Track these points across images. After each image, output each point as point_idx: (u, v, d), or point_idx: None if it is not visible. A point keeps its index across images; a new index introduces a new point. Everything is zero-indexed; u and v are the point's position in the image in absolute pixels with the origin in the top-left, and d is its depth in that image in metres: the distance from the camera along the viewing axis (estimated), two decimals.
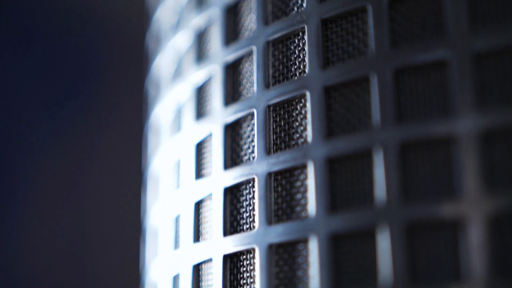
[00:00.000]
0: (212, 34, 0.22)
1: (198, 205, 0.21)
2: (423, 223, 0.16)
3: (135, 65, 0.48)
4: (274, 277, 0.18)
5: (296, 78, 0.18)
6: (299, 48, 0.19)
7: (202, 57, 0.22)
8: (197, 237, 0.21)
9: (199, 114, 0.22)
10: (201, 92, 0.22)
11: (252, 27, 0.20)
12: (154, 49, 0.28)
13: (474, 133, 0.15)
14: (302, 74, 0.19)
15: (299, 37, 0.19)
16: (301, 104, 0.18)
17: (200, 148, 0.22)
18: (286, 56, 0.19)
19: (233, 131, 0.20)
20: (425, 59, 0.16)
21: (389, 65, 0.17)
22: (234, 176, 0.19)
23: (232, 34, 0.21)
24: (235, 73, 0.21)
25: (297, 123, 0.18)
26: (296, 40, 0.19)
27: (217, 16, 0.21)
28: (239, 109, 0.20)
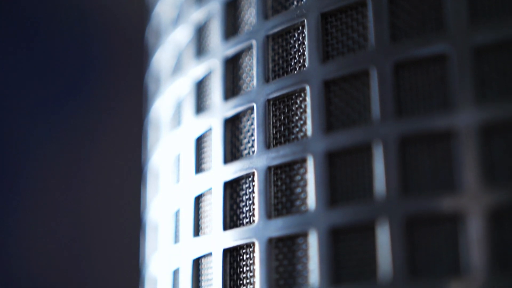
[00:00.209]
0: (212, 29, 0.22)
1: (198, 200, 0.21)
2: (423, 217, 0.16)
3: (135, 60, 0.48)
4: (274, 271, 0.18)
5: (296, 72, 0.18)
6: (299, 42, 0.19)
7: (202, 52, 0.22)
8: (197, 232, 0.21)
9: (199, 109, 0.22)
10: (201, 87, 0.22)
11: (252, 21, 0.20)
12: (154, 44, 0.28)
13: (474, 127, 0.15)
14: (302, 68, 0.18)
15: (299, 31, 0.19)
16: (301, 98, 0.18)
17: (200, 143, 0.22)
18: (286, 50, 0.19)
19: (233, 126, 0.20)
20: (425, 53, 0.16)
21: (389, 59, 0.17)
22: (234, 171, 0.19)
23: (232, 29, 0.21)
24: (235, 68, 0.21)
25: (297, 117, 0.18)
26: (296, 34, 0.19)
27: (217, 10, 0.21)
28: (239, 104, 0.20)
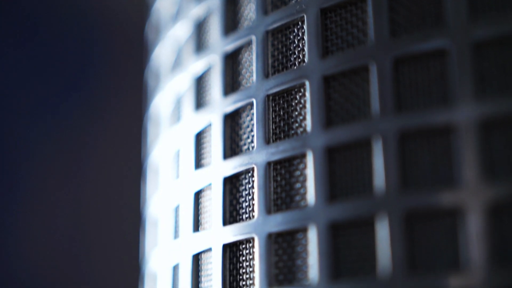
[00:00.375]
0: (212, 24, 0.22)
1: (198, 195, 0.21)
2: (422, 212, 0.16)
3: (135, 56, 0.48)
4: (273, 266, 0.18)
5: (295, 68, 0.18)
6: (299, 38, 0.19)
7: (202, 47, 0.22)
8: (197, 227, 0.21)
9: (199, 104, 0.22)
10: (201, 82, 0.22)
11: (252, 17, 0.20)
12: (154, 40, 0.28)
13: (473, 123, 0.15)
14: (301, 64, 0.18)
15: (298, 27, 0.19)
16: (300, 94, 0.18)
17: (200, 138, 0.22)
18: (286, 46, 0.19)
19: (233, 121, 0.20)
20: (425, 49, 0.16)
21: (389, 55, 0.17)
22: (234, 166, 0.19)
23: (232, 24, 0.21)
24: (235, 63, 0.21)
25: (296, 113, 0.18)
26: (296, 30, 0.19)
27: (217, 6, 0.21)
28: (239, 99, 0.20)
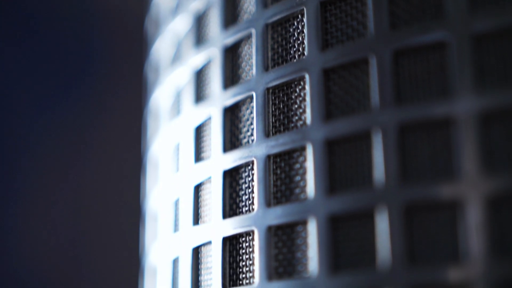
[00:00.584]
0: (211, 18, 0.22)
1: (198, 188, 0.21)
2: (422, 205, 0.16)
3: (135, 50, 0.48)
4: (273, 259, 0.18)
5: (295, 61, 0.18)
6: (298, 31, 0.19)
7: (201, 41, 0.22)
8: (197, 220, 0.21)
9: (198, 98, 0.22)
10: (200, 76, 0.22)
11: (251, 10, 0.20)
12: (153, 33, 0.28)
13: (473, 115, 0.15)
14: (301, 57, 0.18)
15: (298, 20, 0.19)
16: (300, 87, 0.18)
17: (200, 132, 0.22)
18: (285, 39, 0.19)
19: (232, 114, 0.20)
20: (424, 41, 0.16)
21: (388, 47, 0.17)
22: (233, 159, 0.19)
23: (231, 17, 0.21)
24: (234, 56, 0.21)
25: (296, 106, 0.18)
26: (295, 23, 0.19)
27: None
28: (238, 92, 0.20)
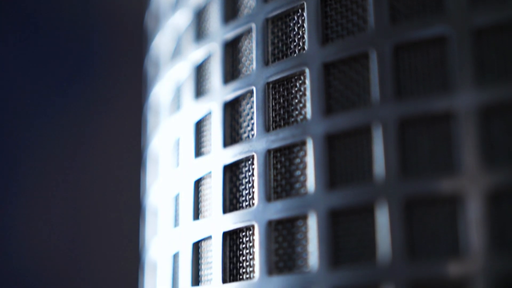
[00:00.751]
0: (211, 12, 0.22)
1: (198, 183, 0.21)
2: (422, 199, 0.16)
3: (134, 45, 0.48)
4: (273, 254, 0.18)
5: (295, 55, 0.18)
6: (298, 25, 0.19)
7: (201, 35, 0.22)
8: (197, 215, 0.21)
9: (199, 93, 0.22)
10: (201, 71, 0.22)
11: (251, 5, 0.20)
12: (153, 28, 0.28)
13: (473, 109, 0.15)
14: (301, 51, 0.18)
15: (298, 14, 0.19)
16: (300, 81, 0.18)
17: (200, 127, 0.22)
18: (285, 33, 0.19)
19: (233, 109, 0.20)
20: (425, 35, 0.16)
21: (389, 41, 0.17)
22: (234, 154, 0.19)
23: (231, 12, 0.21)
24: (234, 51, 0.21)
25: (296, 100, 0.18)
26: (296, 17, 0.19)
27: None
28: (238, 87, 0.20)
